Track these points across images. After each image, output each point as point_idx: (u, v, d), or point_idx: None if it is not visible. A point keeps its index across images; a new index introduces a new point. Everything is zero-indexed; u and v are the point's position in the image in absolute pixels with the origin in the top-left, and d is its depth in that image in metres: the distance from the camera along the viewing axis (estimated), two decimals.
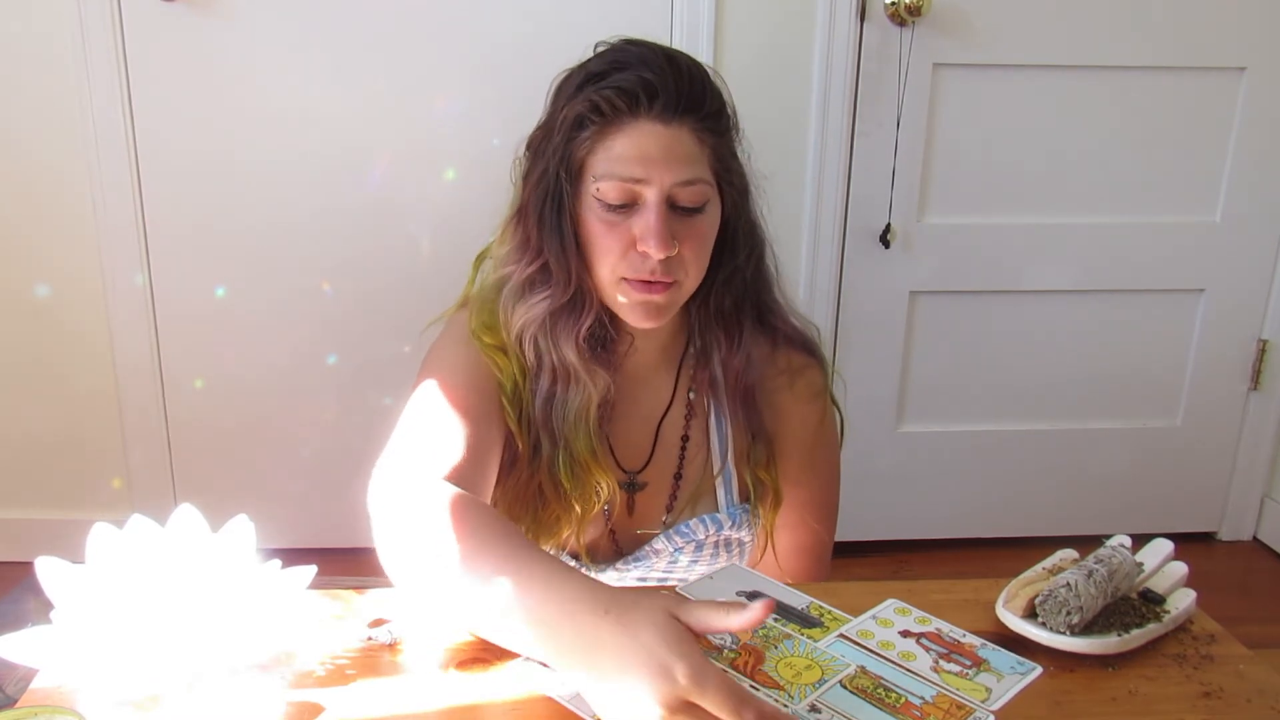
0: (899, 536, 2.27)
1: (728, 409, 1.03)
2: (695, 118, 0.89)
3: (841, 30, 1.92)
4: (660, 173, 0.87)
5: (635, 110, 0.88)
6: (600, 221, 0.90)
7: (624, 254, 0.89)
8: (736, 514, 1.04)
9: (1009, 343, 2.17)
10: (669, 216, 0.88)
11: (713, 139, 0.92)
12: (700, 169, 0.90)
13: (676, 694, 0.60)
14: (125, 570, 0.74)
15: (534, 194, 0.93)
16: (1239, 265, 2.16)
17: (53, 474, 2.10)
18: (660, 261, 0.88)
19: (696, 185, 0.89)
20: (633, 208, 0.89)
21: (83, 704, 0.70)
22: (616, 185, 0.88)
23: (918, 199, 2.05)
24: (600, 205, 0.89)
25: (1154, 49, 2.00)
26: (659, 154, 0.87)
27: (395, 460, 0.85)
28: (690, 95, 0.89)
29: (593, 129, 0.89)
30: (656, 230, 0.87)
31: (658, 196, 0.88)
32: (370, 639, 0.79)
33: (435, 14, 1.88)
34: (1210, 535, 2.37)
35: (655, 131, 0.88)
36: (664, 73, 0.88)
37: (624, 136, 0.88)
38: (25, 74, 1.86)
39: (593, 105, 0.88)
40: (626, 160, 0.88)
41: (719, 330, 1.00)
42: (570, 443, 0.96)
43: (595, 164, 0.89)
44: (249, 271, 1.99)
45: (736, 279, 0.99)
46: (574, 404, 0.95)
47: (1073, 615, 0.79)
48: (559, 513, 0.99)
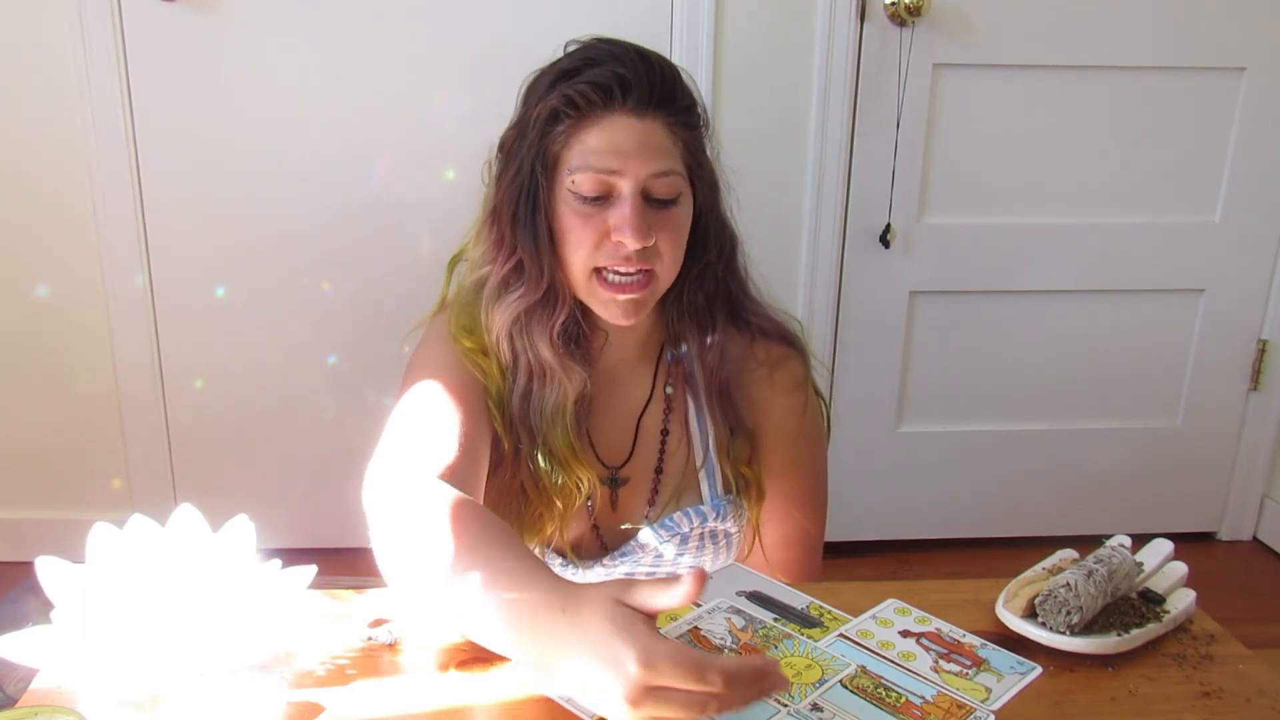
0: (899, 536, 2.27)
1: (705, 403, 1.04)
2: (668, 112, 0.91)
3: (841, 30, 1.92)
4: (635, 164, 0.89)
5: (609, 103, 0.89)
6: (575, 214, 0.91)
7: (598, 245, 0.90)
8: (721, 506, 1.04)
9: (1009, 343, 2.17)
10: (643, 208, 0.89)
11: (685, 133, 0.93)
12: (673, 161, 0.91)
13: (633, 683, 0.60)
14: (125, 570, 0.74)
15: (508, 192, 0.94)
16: (1239, 265, 2.16)
17: (53, 474, 2.10)
18: (636, 251, 0.89)
19: (670, 177, 0.91)
20: (607, 200, 0.90)
21: (83, 704, 0.70)
22: (591, 177, 0.89)
23: (918, 199, 2.05)
24: (575, 198, 0.90)
25: (1154, 49, 2.00)
26: (633, 146, 0.89)
27: (389, 460, 0.86)
28: (663, 89, 0.90)
29: (568, 123, 0.90)
30: (632, 221, 0.88)
31: (633, 188, 0.89)
32: (370, 639, 0.79)
33: (435, 13, 1.88)
34: (1210, 535, 2.36)
35: (629, 124, 0.89)
36: (637, 67, 0.89)
37: (598, 129, 0.89)
38: (26, 74, 1.86)
39: (567, 100, 0.89)
40: (601, 152, 0.89)
41: (692, 325, 1.01)
42: (549, 439, 0.97)
43: (570, 158, 0.90)
44: (249, 271, 1.99)
45: (708, 275, 1.00)
46: (551, 400, 0.96)
47: (1072, 615, 0.79)
48: (541, 509, 1.00)
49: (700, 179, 0.96)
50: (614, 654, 0.61)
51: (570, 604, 0.66)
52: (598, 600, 0.65)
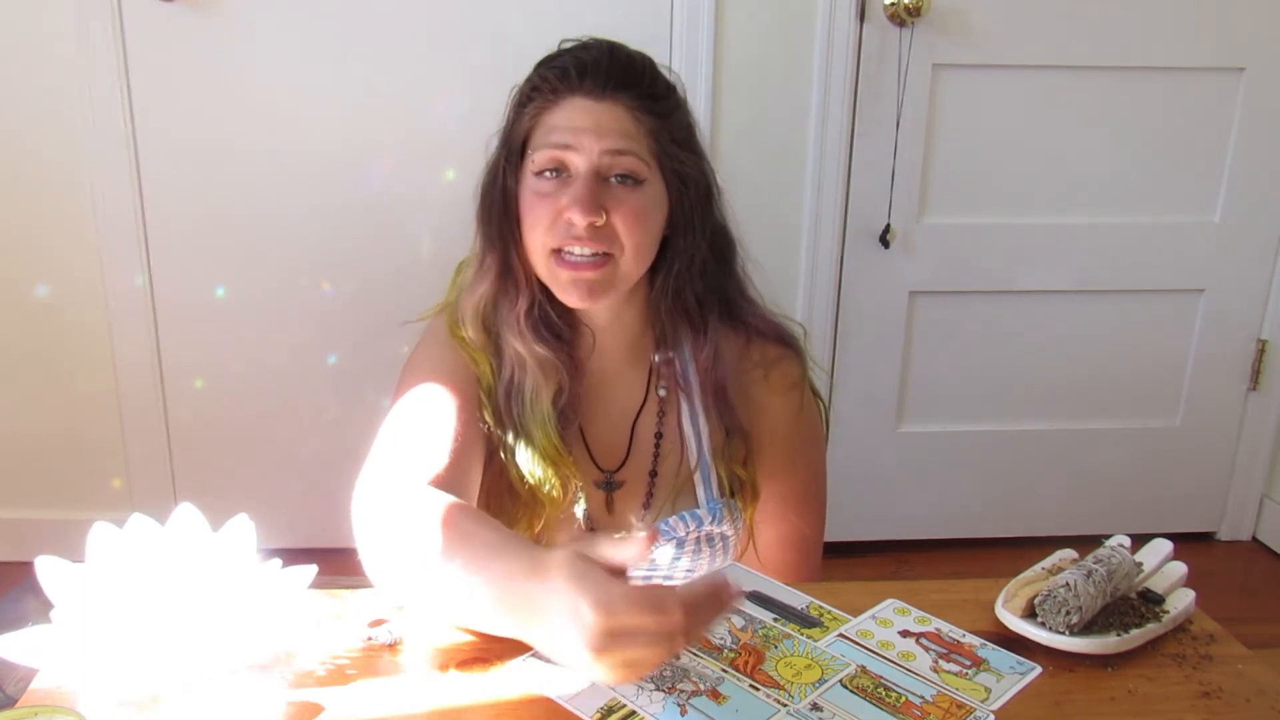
0: (899, 536, 2.27)
1: (701, 405, 1.04)
2: (630, 95, 0.92)
3: (841, 30, 1.92)
4: (589, 140, 0.90)
5: (568, 84, 0.92)
6: (533, 193, 0.93)
7: (552, 224, 0.92)
8: (717, 509, 1.04)
9: (1009, 343, 2.17)
10: (599, 187, 0.91)
11: (650, 120, 0.93)
12: (632, 143, 0.92)
13: (593, 628, 0.60)
14: (125, 570, 0.74)
15: (484, 181, 0.97)
16: (1239, 265, 2.16)
17: (53, 474, 2.10)
18: (588, 229, 0.90)
19: (627, 156, 0.91)
20: (565, 180, 0.92)
21: (83, 704, 0.70)
22: (546, 153, 0.92)
23: (917, 199, 2.05)
24: (534, 177, 0.93)
25: (1154, 49, 2.00)
26: (589, 124, 0.91)
27: (379, 470, 0.86)
28: (623, 74, 0.92)
29: (532, 106, 0.93)
30: (580, 195, 0.90)
31: (586, 165, 0.91)
32: (370, 639, 0.79)
33: (436, 13, 1.88)
34: (1210, 535, 2.37)
35: (585, 105, 0.91)
36: (600, 54, 0.93)
37: (558, 110, 0.92)
38: (26, 74, 1.86)
39: (533, 85, 0.94)
40: (558, 129, 0.92)
41: (684, 326, 1.01)
42: (530, 434, 0.98)
43: (533, 139, 0.94)
44: (249, 271, 1.99)
45: (694, 272, 0.99)
46: (528, 392, 0.97)
47: (1072, 615, 0.79)
48: (527, 507, 1.00)
49: (670, 169, 0.95)
50: (572, 603, 0.61)
51: (539, 566, 0.66)
52: (560, 556, 0.65)
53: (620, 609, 0.60)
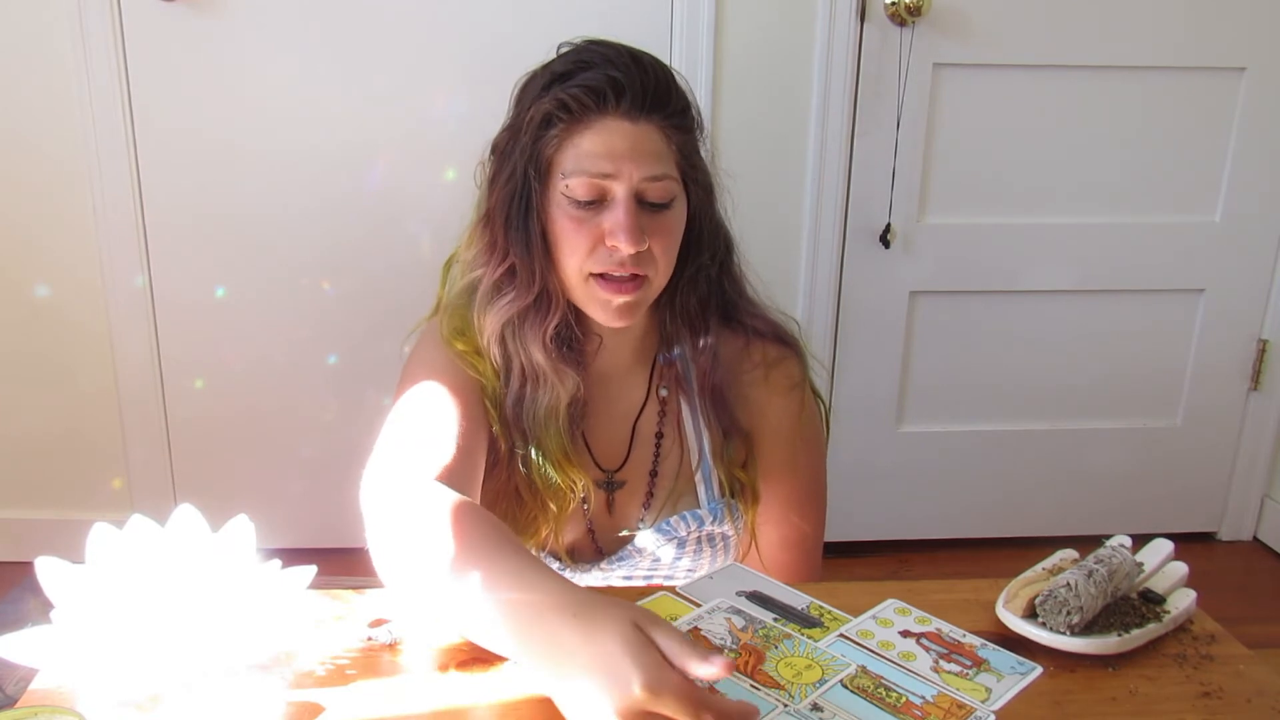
0: (899, 536, 2.26)
1: (700, 406, 1.04)
2: (661, 115, 0.90)
3: (841, 30, 1.92)
4: (629, 168, 0.88)
5: (603, 107, 0.88)
6: (569, 218, 0.90)
7: (592, 250, 0.90)
8: (717, 509, 1.04)
9: (1009, 343, 2.17)
10: (637, 212, 0.89)
11: (678, 136, 0.92)
12: (667, 165, 0.91)
13: (632, 702, 0.61)
14: (125, 570, 0.74)
15: (501, 196, 0.93)
16: (1239, 265, 2.16)
17: (53, 474, 2.10)
18: (630, 256, 0.89)
19: (664, 181, 0.90)
20: (601, 204, 0.90)
21: (83, 704, 0.70)
22: (585, 181, 0.89)
23: (918, 199, 2.05)
24: (569, 202, 0.90)
25: (1154, 49, 2.00)
26: (627, 150, 0.88)
27: (386, 462, 0.86)
28: (656, 93, 0.90)
29: (560, 127, 0.90)
30: (626, 225, 0.88)
31: (626, 191, 0.89)
32: (370, 639, 0.79)
33: (435, 13, 1.88)
34: (1210, 535, 2.36)
35: (622, 128, 0.89)
36: (630, 71, 0.89)
37: (592, 133, 0.89)
38: (25, 74, 1.86)
39: (560, 104, 0.89)
40: (595, 156, 0.88)
41: (685, 328, 1.01)
42: (542, 442, 0.97)
43: (563, 161, 0.90)
44: (249, 271, 1.99)
45: (701, 277, 0.99)
46: (543, 404, 0.96)
47: (1073, 615, 0.79)
48: (535, 511, 1.00)
49: (694, 182, 0.95)
50: (622, 672, 0.61)
51: (583, 610, 0.66)
52: (618, 618, 0.64)
53: (668, 699, 0.60)
